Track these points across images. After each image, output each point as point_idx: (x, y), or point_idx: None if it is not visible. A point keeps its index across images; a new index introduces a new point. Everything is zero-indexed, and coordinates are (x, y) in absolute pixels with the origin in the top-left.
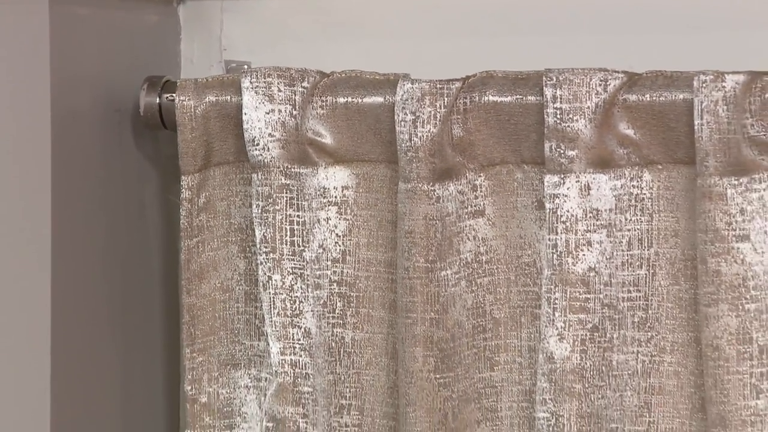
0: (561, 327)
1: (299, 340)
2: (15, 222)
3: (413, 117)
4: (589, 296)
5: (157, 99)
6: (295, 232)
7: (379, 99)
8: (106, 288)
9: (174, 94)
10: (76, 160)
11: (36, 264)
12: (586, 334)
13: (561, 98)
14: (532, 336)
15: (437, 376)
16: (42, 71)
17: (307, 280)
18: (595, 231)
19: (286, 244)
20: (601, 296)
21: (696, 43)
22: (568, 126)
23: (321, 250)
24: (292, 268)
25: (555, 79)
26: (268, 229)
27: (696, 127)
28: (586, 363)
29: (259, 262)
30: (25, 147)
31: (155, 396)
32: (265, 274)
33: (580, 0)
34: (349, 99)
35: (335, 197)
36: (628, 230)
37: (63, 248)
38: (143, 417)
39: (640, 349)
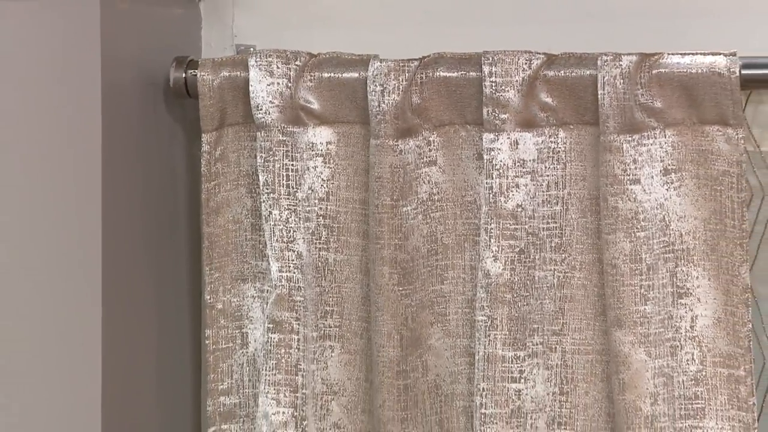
0: (495, 250)
1: (293, 260)
2: (75, 171)
3: (381, 88)
4: (517, 227)
5: (183, 74)
6: (290, 177)
7: (355, 74)
8: (145, 220)
9: (196, 71)
10: (121, 123)
11: (91, 203)
12: (514, 256)
13: (495, 74)
14: (473, 257)
15: (400, 288)
16: (94, 53)
17: (299, 215)
18: (521, 176)
19: (283, 187)
20: (526, 227)
21: (599, 31)
22: (501, 95)
23: (310, 191)
24: (287, 205)
25: (491, 59)
26: (269, 175)
27: (599, 96)
28: (514, 278)
29: (262, 200)
30: (82, 113)
31: (183, 303)
32: (266, 209)
33: None
34: (332, 74)
35: (321, 150)
36: (547, 176)
37: (111, 191)
38: (174, 319)
39: (556, 267)
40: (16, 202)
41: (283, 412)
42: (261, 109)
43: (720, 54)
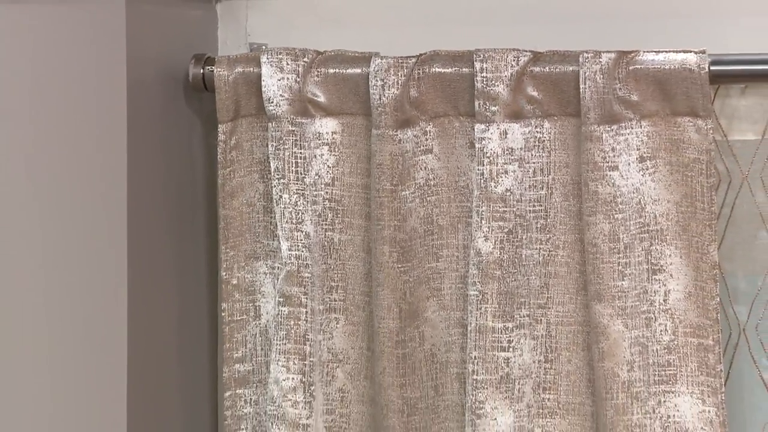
0: (486, 231)
1: (302, 240)
2: (103, 159)
3: (382, 83)
4: (506, 209)
5: (201, 70)
6: (299, 164)
7: (358, 70)
8: (167, 204)
9: (213, 67)
10: (145, 115)
11: (117, 189)
12: (503, 236)
13: (486, 70)
14: (466, 237)
15: (399, 265)
16: (120, 51)
17: (307, 198)
18: (510, 163)
19: (292, 173)
20: (515, 209)
21: (581, 31)
22: (491, 89)
23: (317, 177)
24: (296, 189)
25: (482, 56)
26: (280, 162)
27: (581, 90)
28: (503, 256)
29: (273, 185)
30: (109, 106)
31: (201, 279)
32: (277, 194)
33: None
34: (337, 70)
35: (327, 139)
36: (534, 163)
37: (135, 177)
38: (193, 294)
39: (541, 246)
40: (51, 187)
41: (293, 378)
42: (272, 102)
43: (691, 52)
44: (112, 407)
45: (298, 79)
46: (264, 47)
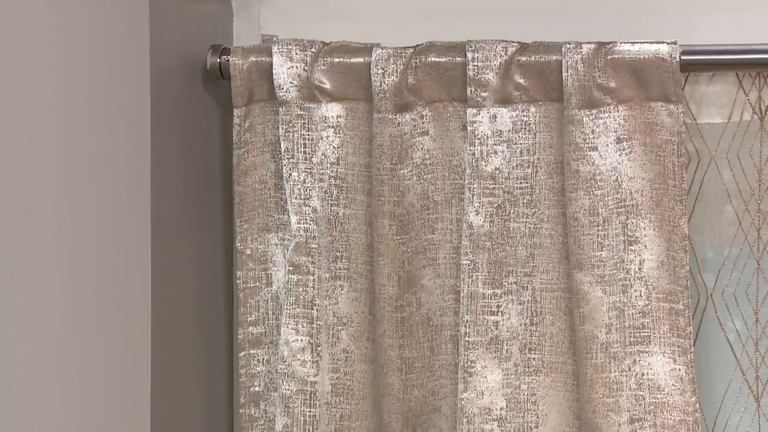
0: (477, 206)
1: (309, 214)
2: (128, 141)
3: (382, 71)
4: (495, 186)
5: (218, 59)
6: (307, 145)
7: (361, 59)
8: (187, 181)
9: (229, 56)
10: (167, 101)
11: (141, 168)
12: (493, 210)
13: (477, 59)
14: (459, 212)
15: (398, 237)
16: (144, 42)
17: (315, 176)
18: (499, 144)
19: (301, 153)
20: (503, 186)
21: (564, 23)
22: (482, 77)
23: (323, 157)
24: (304, 168)
25: (473, 47)
26: (289, 144)
27: (563, 78)
28: (493, 229)
29: (283, 164)
30: (134, 92)
31: (218, 250)
32: (287, 172)
33: None
34: (342, 59)
35: (332, 122)
36: (521, 144)
37: (158, 156)
38: (211, 263)
39: (527, 220)
40: (80, 169)
41: (301, 340)
42: (282, 89)
43: (664, 43)
44: (137, 366)
45: (306, 68)
46: (275, 38)
